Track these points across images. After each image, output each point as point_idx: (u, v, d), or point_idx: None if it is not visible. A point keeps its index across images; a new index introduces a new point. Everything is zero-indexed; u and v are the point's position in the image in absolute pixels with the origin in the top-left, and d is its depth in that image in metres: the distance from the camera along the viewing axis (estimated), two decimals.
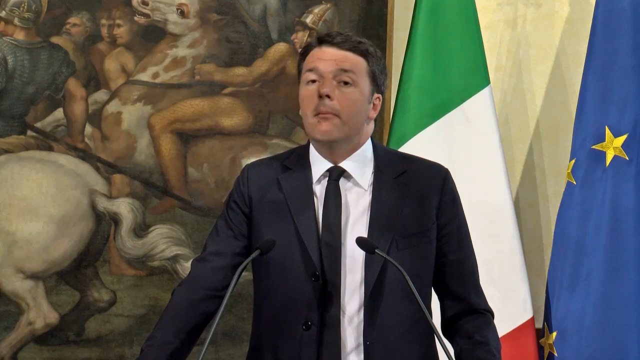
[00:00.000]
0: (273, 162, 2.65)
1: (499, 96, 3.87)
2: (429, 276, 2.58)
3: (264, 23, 3.84)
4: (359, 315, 2.49)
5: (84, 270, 3.76)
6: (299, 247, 2.51)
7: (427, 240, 2.56)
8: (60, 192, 3.74)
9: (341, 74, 2.50)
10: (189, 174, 3.80)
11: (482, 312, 2.61)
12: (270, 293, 2.55)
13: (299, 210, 2.53)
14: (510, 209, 3.63)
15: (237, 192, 2.62)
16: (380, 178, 2.56)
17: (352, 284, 2.50)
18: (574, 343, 3.57)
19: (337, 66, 2.50)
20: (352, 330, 2.49)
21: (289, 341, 2.50)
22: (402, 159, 2.64)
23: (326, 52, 2.52)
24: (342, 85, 2.50)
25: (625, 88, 3.57)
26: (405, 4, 3.83)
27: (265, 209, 2.57)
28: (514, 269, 3.60)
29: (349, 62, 2.51)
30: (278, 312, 2.53)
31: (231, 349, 3.78)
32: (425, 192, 2.57)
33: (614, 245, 3.55)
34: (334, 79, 2.50)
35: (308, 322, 2.48)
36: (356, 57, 2.52)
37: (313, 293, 2.48)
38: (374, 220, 2.52)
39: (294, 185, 2.56)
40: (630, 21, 3.57)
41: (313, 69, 2.51)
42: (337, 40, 2.52)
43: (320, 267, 2.48)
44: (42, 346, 3.74)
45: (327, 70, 2.50)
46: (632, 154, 3.57)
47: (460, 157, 3.55)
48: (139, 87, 3.80)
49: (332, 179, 2.55)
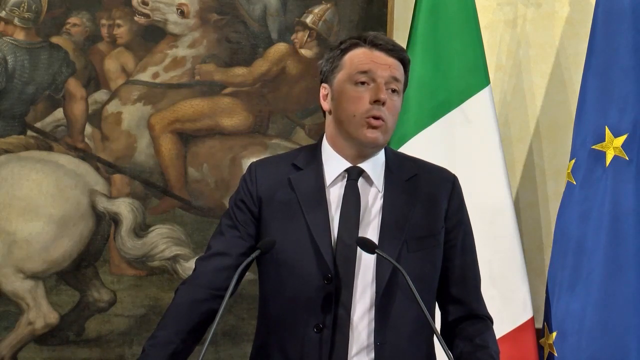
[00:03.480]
0: (281, 160, 2.64)
1: (499, 96, 3.87)
2: (436, 279, 2.59)
3: (264, 23, 3.84)
4: (370, 316, 2.49)
5: (84, 270, 3.76)
6: (312, 248, 2.49)
7: (436, 243, 2.57)
8: (60, 192, 3.74)
9: (392, 82, 2.53)
10: (189, 174, 3.80)
11: (482, 317, 2.62)
12: (279, 293, 2.54)
13: (311, 211, 2.52)
14: (510, 209, 3.63)
15: (244, 190, 2.60)
16: (391, 180, 2.57)
17: (364, 285, 2.49)
18: (574, 343, 3.57)
19: (391, 74, 2.52)
20: (362, 332, 2.48)
21: (299, 342, 2.49)
22: (411, 162, 2.65)
23: (380, 57, 2.53)
24: (390, 92, 2.52)
25: (625, 88, 3.57)
26: (405, 4, 3.83)
27: (275, 209, 2.55)
28: (514, 269, 3.60)
29: (399, 71, 2.54)
30: (287, 313, 2.51)
31: (231, 349, 3.78)
32: (435, 196, 2.58)
33: (614, 245, 3.55)
34: (385, 85, 2.52)
35: (319, 325, 2.47)
36: (401, 66, 2.56)
37: (325, 295, 2.47)
38: (386, 222, 2.52)
39: (306, 185, 2.55)
40: (630, 21, 3.57)
41: (367, 72, 2.52)
42: (389, 47, 2.54)
43: (334, 269, 2.48)
44: (42, 346, 3.74)
45: (382, 75, 2.52)
46: (632, 154, 3.57)
47: (460, 157, 3.55)
48: (139, 87, 3.80)
49: (351, 178, 2.55)
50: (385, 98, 2.49)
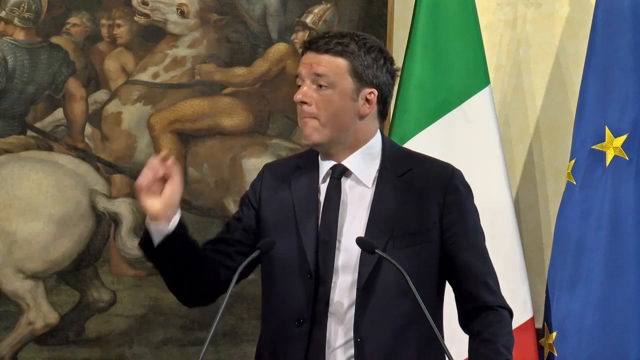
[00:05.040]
0: (289, 161, 2.71)
1: (499, 96, 3.87)
2: (430, 276, 2.57)
3: (264, 23, 3.84)
4: (350, 312, 2.50)
5: (84, 270, 3.76)
6: (297, 245, 2.54)
7: (427, 240, 2.55)
8: (60, 192, 3.74)
9: (316, 77, 2.54)
10: (189, 174, 3.80)
11: (495, 308, 2.59)
12: (271, 290, 2.59)
13: (302, 209, 2.56)
14: (510, 209, 3.63)
15: (251, 189, 2.68)
16: (385, 175, 2.57)
17: (345, 281, 2.51)
18: (574, 343, 3.57)
19: (312, 70, 2.54)
20: (342, 327, 2.50)
21: (283, 337, 2.53)
22: (409, 157, 2.65)
23: (307, 57, 2.57)
24: (319, 88, 2.54)
25: (625, 88, 3.57)
26: (405, 4, 3.83)
27: (272, 208, 2.61)
28: (514, 269, 3.60)
29: (323, 65, 2.54)
30: (276, 309, 2.57)
31: (231, 349, 3.78)
32: (428, 192, 2.57)
33: (614, 245, 3.55)
34: (312, 84, 2.55)
35: (300, 319, 2.51)
36: (333, 58, 2.54)
37: (306, 290, 2.51)
38: (373, 217, 2.53)
39: (301, 185, 2.59)
40: (630, 21, 3.57)
41: (297, 75, 2.58)
42: (317, 45, 2.56)
43: (315, 265, 2.51)
44: (42, 346, 3.74)
45: (306, 74, 2.56)
46: (632, 154, 3.57)
47: (460, 158, 3.54)
48: (139, 87, 3.80)
49: (334, 176, 2.57)
50: (300, 97, 2.54)
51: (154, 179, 2.49)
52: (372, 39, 2.61)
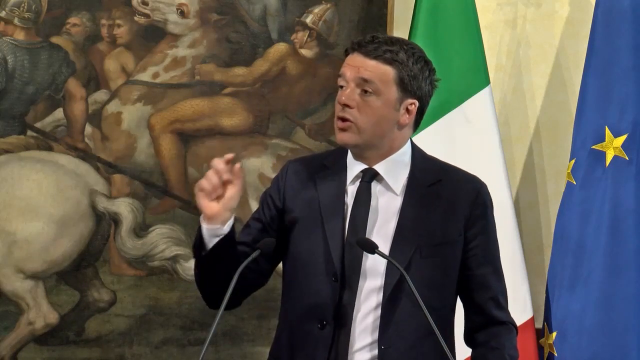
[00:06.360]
0: (314, 160, 2.68)
1: (499, 96, 3.87)
2: (451, 287, 2.59)
3: (264, 23, 3.84)
4: (375, 318, 2.50)
5: (84, 270, 3.76)
6: (324, 246, 2.53)
7: (452, 251, 2.56)
8: (60, 192, 3.74)
9: (362, 82, 2.51)
10: (189, 174, 3.80)
11: (503, 323, 2.62)
12: (292, 290, 2.59)
13: (328, 210, 2.55)
14: (510, 209, 3.63)
15: (274, 187, 2.66)
16: (414, 184, 2.57)
17: (371, 287, 2.51)
18: (574, 343, 3.57)
19: (358, 74, 2.51)
20: (366, 333, 2.50)
21: (304, 339, 2.52)
22: (439, 167, 2.65)
23: (355, 59, 2.53)
24: (363, 94, 2.51)
25: (625, 88, 3.57)
26: (405, 4, 3.83)
27: (297, 206, 2.59)
28: (514, 269, 3.60)
29: (371, 71, 2.51)
30: (298, 310, 2.56)
31: (231, 349, 3.78)
32: (456, 203, 2.57)
33: (614, 245, 3.55)
34: (357, 87, 2.51)
35: (323, 322, 2.50)
36: (382, 65, 2.52)
37: (331, 293, 2.50)
38: (401, 225, 2.53)
39: (328, 185, 2.58)
40: (630, 21, 3.58)
41: (341, 75, 2.54)
42: (367, 49, 2.53)
43: (341, 268, 2.50)
44: (42, 346, 3.74)
45: (350, 77, 2.52)
46: (632, 154, 3.57)
47: (460, 157, 3.54)
48: (139, 87, 3.80)
49: (364, 180, 2.56)
50: (345, 100, 2.50)
51: (218, 184, 2.47)
52: (418, 48, 2.60)
